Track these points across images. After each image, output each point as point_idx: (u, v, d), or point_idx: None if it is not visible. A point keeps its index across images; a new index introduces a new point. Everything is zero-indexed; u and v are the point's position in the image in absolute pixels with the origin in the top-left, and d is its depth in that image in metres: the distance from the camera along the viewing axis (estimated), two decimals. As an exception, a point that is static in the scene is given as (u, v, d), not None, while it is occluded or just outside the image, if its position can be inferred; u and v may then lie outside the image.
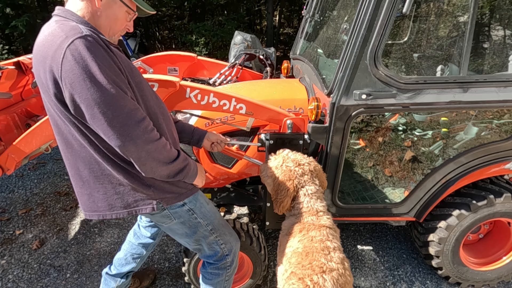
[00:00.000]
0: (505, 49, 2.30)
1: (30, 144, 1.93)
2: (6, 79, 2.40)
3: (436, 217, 2.13)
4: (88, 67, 1.06)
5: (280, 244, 1.59)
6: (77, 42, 1.07)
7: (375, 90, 1.74)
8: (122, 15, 1.28)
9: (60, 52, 1.06)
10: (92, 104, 1.08)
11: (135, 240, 2.00)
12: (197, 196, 1.50)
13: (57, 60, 1.07)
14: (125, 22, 1.32)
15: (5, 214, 3.03)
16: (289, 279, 1.36)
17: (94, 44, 1.10)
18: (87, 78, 1.06)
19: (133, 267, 2.01)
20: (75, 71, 1.06)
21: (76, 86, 1.07)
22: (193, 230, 1.52)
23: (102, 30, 1.26)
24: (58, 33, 1.10)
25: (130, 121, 1.12)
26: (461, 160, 1.98)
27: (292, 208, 1.58)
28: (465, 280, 2.28)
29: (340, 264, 1.38)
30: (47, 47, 1.10)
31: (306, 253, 1.39)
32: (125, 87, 1.16)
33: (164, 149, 1.24)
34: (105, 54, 1.12)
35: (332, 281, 1.30)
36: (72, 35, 1.08)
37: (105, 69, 1.09)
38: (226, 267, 1.67)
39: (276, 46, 9.50)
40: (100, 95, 1.08)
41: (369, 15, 1.62)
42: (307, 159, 1.64)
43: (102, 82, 1.08)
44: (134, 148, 1.16)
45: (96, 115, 1.09)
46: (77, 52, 1.06)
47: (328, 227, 1.50)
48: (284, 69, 2.92)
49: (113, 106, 1.09)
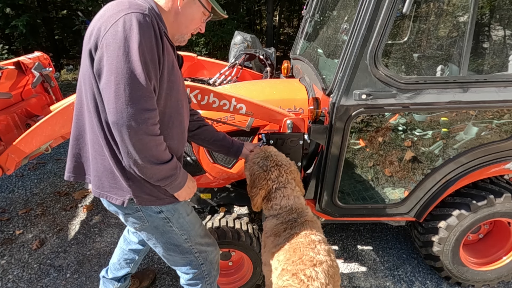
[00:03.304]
0: (505, 49, 2.30)
1: (30, 144, 1.93)
2: (6, 79, 2.40)
3: (436, 217, 2.13)
4: (130, 38, 1.09)
5: (264, 245, 1.59)
6: (134, 15, 1.11)
7: (375, 90, 1.74)
8: (199, 16, 1.34)
9: (116, 17, 1.11)
10: (113, 70, 1.09)
11: (125, 246, 1.98)
12: (177, 206, 1.43)
13: (109, 22, 1.11)
14: (199, 23, 1.38)
15: (5, 214, 3.03)
16: (282, 276, 1.36)
17: (148, 24, 1.13)
18: (123, 47, 1.08)
19: (128, 271, 2.00)
20: (117, 36, 1.09)
21: (110, 49, 1.09)
22: (165, 236, 1.47)
23: (176, 28, 1.32)
24: (124, 3, 1.16)
25: (137, 104, 1.11)
26: (461, 160, 1.98)
27: (270, 208, 1.58)
28: (465, 280, 2.28)
29: (328, 255, 1.40)
30: (109, 9, 1.16)
31: (294, 249, 1.40)
32: (153, 74, 1.16)
33: (156, 147, 1.19)
34: (152, 37, 1.14)
35: (323, 273, 1.32)
36: (134, 9, 1.13)
37: (143, 49, 1.10)
38: (204, 276, 1.62)
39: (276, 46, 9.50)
40: (124, 67, 1.09)
41: (369, 15, 1.62)
42: (287, 162, 1.64)
43: (133, 57, 1.09)
44: (125, 130, 1.12)
45: (110, 82, 1.10)
46: (129, 22, 1.10)
47: (309, 221, 1.52)
48: (284, 69, 2.92)
49: (129, 82, 1.09)
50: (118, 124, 1.11)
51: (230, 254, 2.15)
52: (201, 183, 2.19)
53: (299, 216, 1.52)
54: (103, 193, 1.33)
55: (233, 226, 2.00)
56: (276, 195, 1.56)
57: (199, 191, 2.24)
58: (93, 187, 1.36)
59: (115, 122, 1.11)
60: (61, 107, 1.87)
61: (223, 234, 1.96)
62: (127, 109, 1.09)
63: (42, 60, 2.69)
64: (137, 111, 1.10)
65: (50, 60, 2.81)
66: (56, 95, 2.80)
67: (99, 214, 3.06)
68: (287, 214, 1.53)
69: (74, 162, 1.39)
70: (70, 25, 7.31)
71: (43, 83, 2.69)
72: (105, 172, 1.29)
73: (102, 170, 1.30)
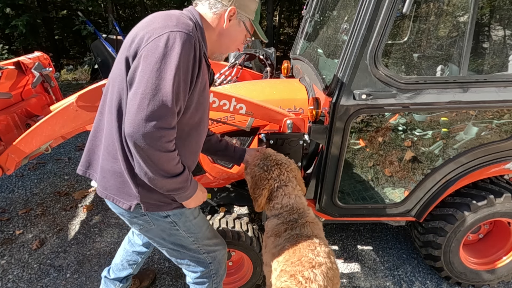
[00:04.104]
0: (505, 49, 2.30)
1: (30, 144, 1.93)
2: (6, 79, 2.40)
3: (436, 217, 2.13)
4: (169, 56, 1.09)
5: (265, 245, 1.59)
6: (179, 34, 1.11)
7: (375, 90, 1.74)
8: (241, 38, 1.39)
9: (160, 31, 1.12)
10: (143, 83, 1.09)
11: (129, 248, 1.98)
12: (183, 210, 1.43)
13: (153, 35, 1.12)
14: (239, 44, 1.42)
15: (5, 214, 3.03)
16: (280, 277, 1.36)
17: (191, 46, 1.13)
18: (159, 63, 1.09)
19: (131, 272, 2.00)
20: (157, 51, 1.09)
21: (146, 61, 1.10)
22: (172, 238, 1.48)
23: (218, 47, 1.36)
24: (172, 19, 1.17)
25: (156, 122, 1.10)
26: (461, 160, 1.98)
27: (272, 208, 1.58)
28: (465, 280, 2.28)
29: (327, 257, 1.40)
30: (156, 21, 1.17)
31: (293, 250, 1.40)
32: (182, 96, 1.16)
33: (168, 162, 1.19)
34: (191, 59, 1.14)
35: (322, 275, 1.32)
36: (181, 27, 1.13)
37: (179, 69, 1.11)
38: (211, 275, 1.63)
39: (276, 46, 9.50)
40: (154, 83, 1.09)
41: (369, 15, 1.62)
42: (287, 160, 1.64)
43: (167, 75, 1.09)
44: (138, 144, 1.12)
45: (137, 94, 1.10)
46: (173, 40, 1.10)
47: (310, 222, 1.52)
48: (284, 69, 2.92)
49: (155, 99, 1.09)
50: (133, 137, 1.11)
51: (230, 254, 2.15)
52: (201, 183, 2.18)
53: (300, 217, 1.52)
54: (110, 195, 1.34)
55: (233, 226, 2.00)
56: (277, 194, 1.56)
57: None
58: (99, 187, 1.36)
59: (130, 134, 1.11)
60: (61, 107, 1.87)
61: (223, 234, 1.96)
62: (145, 124, 1.09)
63: (42, 60, 2.69)
64: (154, 129, 1.10)
65: (50, 60, 2.81)
66: (56, 95, 2.80)
67: (99, 214, 3.06)
68: (288, 214, 1.53)
69: (86, 157, 1.41)
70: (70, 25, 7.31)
71: (43, 83, 2.69)
72: (114, 175, 1.30)
73: (111, 173, 1.30)
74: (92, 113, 2.02)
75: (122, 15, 10.74)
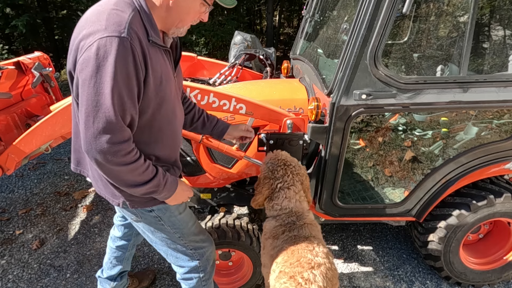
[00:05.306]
0: (505, 49, 2.30)
1: (30, 144, 1.93)
2: (6, 79, 2.40)
3: (436, 217, 2.13)
4: (102, 69, 1.03)
5: (263, 246, 1.59)
6: (109, 40, 1.03)
7: (375, 90, 1.74)
8: (196, 8, 1.22)
9: (91, 39, 1.04)
10: (84, 101, 1.06)
11: (112, 244, 2.00)
12: (168, 205, 1.42)
13: (84, 43, 1.05)
14: (198, 14, 1.25)
15: (5, 214, 3.03)
16: (279, 278, 1.35)
17: (126, 49, 1.05)
18: (94, 77, 1.03)
19: (121, 268, 2.02)
20: (89, 64, 1.03)
21: (82, 77, 1.05)
22: (158, 233, 1.49)
23: (170, 23, 1.22)
24: (102, 19, 1.07)
25: (105, 138, 1.07)
26: (461, 160, 1.98)
27: (271, 208, 1.58)
28: (465, 280, 2.28)
29: (326, 258, 1.39)
30: (87, 22, 1.09)
31: (292, 251, 1.40)
32: (129, 104, 1.10)
33: (131, 173, 1.17)
34: (129, 64, 1.06)
35: (321, 276, 1.31)
36: (111, 31, 1.04)
37: (117, 80, 1.04)
38: (199, 272, 1.62)
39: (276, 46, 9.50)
40: (94, 99, 1.04)
41: (369, 15, 1.62)
42: (296, 164, 1.63)
43: (104, 90, 1.03)
44: (94, 161, 1.11)
45: (82, 112, 1.07)
46: (104, 49, 1.02)
47: (308, 223, 1.51)
48: (284, 69, 2.92)
49: (98, 115, 1.05)
50: (88, 154, 1.10)
51: (230, 254, 2.15)
52: (201, 183, 2.19)
53: (298, 219, 1.52)
54: (102, 193, 1.39)
55: (233, 226, 2.00)
56: (278, 195, 1.55)
57: (199, 191, 2.24)
58: (95, 188, 1.42)
59: (85, 151, 1.10)
60: (61, 107, 1.87)
61: (223, 234, 1.96)
62: (95, 142, 1.07)
63: (42, 60, 2.69)
64: (106, 144, 1.07)
65: (50, 60, 2.81)
66: (56, 95, 2.80)
67: (99, 214, 3.06)
68: (287, 217, 1.53)
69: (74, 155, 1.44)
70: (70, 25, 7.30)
71: (43, 83, 2.69)
72: (99, 177, 1.34)
73: (96, 175, 1.34)
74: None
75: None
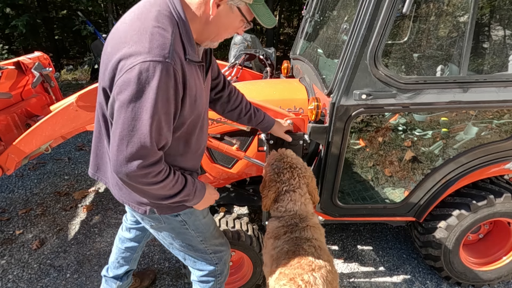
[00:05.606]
0: (505, 49, 2.30)
1: (30, 144, 1.94)
2: (6, 79, 2.40)
3: (436, 217, 2.13)
4: (143, 94, 0.98)
5: (265, 246, 1.59)
6: (153, 65, 0.98)
7: (375, 90, 1.74)
8: (236, 24, 1.19)
9: (132, 60, 0.98)
10: (119, 124, 1.02)
11: (121, 245, 1.98)
12: (193, 209, 1.43)
13: (125, 64, 1.00)
14: (235, 30, 1.22)
15: (5, 214, 3.03)
16: (279, 280, 1.34)
17: (168, 75, 1.00)
18: (133, 102, 0.99)
19: (127, 268, 2.01)
20: (130, 88, 0.98)
21: (120, 99, 1.01)
22: (181, 237, 1.48)
23: (206, 34, 1.18)
24: (145, 39, 1.00)
25: (137, 162, 1.05)
26: (461, 160, 1.98)
27: (276, 209, 1.57)
28: (465, 280, 2.28)
29: (327, 261, 1.39)
30: (128, 39, 1.02)
31: (293, 253, 1.39)
32: (166, 129, 1.08)
33: (161, 189, 1.16)
34: (171, 87, 1.02)
35: (322, 278, 1.30)
36: (155, 54, 0.99)
37: (157, 107, 1.00)
38: (216, 275, 1.63)
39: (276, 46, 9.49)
40: (130, 124, 1.01)
41: (369, 15, 1.62)
42: (302, 166, 1.62)
43: (143, 116, 1.00)
44: (124, 182, 1.11)
45: (115, 134, 1.04)
46: (147, 74, 0.98)
47: (311, 226, 1.51)
48: (284, 69, 2.92)
49: (133, 140, 1.02)
50: (118, 175, 1.08)
51: (230, 254, 2.15)
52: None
53: (301, 221, 1.51)
54: (126, 201, 1.35)
55: (233, 226, 2.00)
56: (284, 198, 1.54)
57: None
58: (113, 191, 1.37)
59: (115, 172, 1.08)
60: (61, 107, 1.87)
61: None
62: (126, 165, 1.05)
63: (42, 60, 2.69)
64: (136, 169, 1.05)
65: (50, 60, 2.81)
66: (56, 95, 2.80)
67: (99, 214, 3.06)
68: (290, 218, 1.52)
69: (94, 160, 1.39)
70: (70, 25, 7.30)
71: (43, 83, 2.69)
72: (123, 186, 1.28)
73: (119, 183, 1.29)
74: (92, 113, 2.02)
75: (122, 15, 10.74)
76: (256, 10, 1.15)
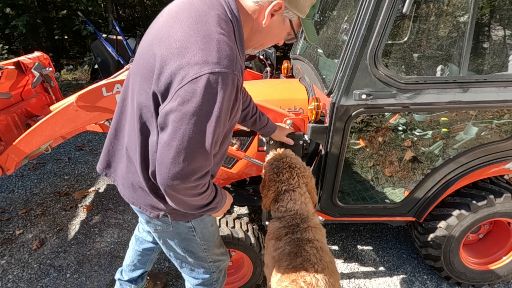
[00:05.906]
0: (505, 49, 2.31)
1: (30, 144, 1.94)
2: (6, 79, 2.40)
3: (436, 217, 2.13)
4: (209, 107, 0.93)
5: (267, 247, 1.59)
6: (222, 78, 0.92)
7: (375, 90, 1.74)
8: (282, 35, 1.18)
9: (198, 70, 0.91)
10: (178, 136, 0.95)
11: (138, 246, 1.93)
12: (204, 217, 1.41)
13: (188, 72, 0.92)
14: (278, 41, 1.21)
15: (5, 214, 3.03)
16: (281, 281, 1.33)
17: (234, 87, 0.97)
18: (197, 115, 0.93)
19: (143, 270, 1.98)
20: (194, 99, 0.91)
21: (182, 110, 0.92)
22: (185, 243, 1.45)
23: (252, 43, 1.17)
24: (212, 48, 0.94)
25: (191, 176, 1.01)
26: (461, 160, 1.98)
27: (276, 210, 1.57)
28: (465, 280, 2.28)
29: (329, 262, 1.38)
30: (191, 47, 0.94)
31: (295, 254, 1.38)
32: (221, 138, 1.06)
33: (201, 200, 1.14)
34: (232, 99, 0.99)
35: (324, 280, 1.29)
36: (224, 66, 0.93)
37: (221, 120, 0.96)
38: (212, 283, 1.61)
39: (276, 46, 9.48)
40: (192, 137, 0.95)
41: (369, 15, 1.62)
42: (301, 165, 1.62)
43: (207, 130, 0.95)
44: (169, 194, 1.06)
45: (171, 146, 0.96)
46: (214, 87, 0.92)
47: (312, 227, 1.50)
48: (284, 69, 2.92)
49: (192, 154, 0.97)
50: (165, 186, 1.02)
51: (230, 254, 2.15)
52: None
53: (302, 221, 1.50)
54: (137, 203, 1.30)
55: (233, 226, 2.00)
56: (283, 197, 1.54)
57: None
58: (124, 192, 1.32)
59: (162, 184, 1.02)
60: (61, 107, 1.87)
61: (223, 234, 1.96)
62: (180, 178, 0.99)
63: (42, 60, 2.69)
64: (189, 181, 1.01)
65: (50, 60, 2.81)
66: (56, 95, 2.80)
67: (99, 214, 3.06)
68: (291, 219, 1.51)
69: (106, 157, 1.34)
70: (70, 25, 7.30)
71: (43, 83, 2.69)
72: (140, 188, 1.24)
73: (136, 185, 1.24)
74: (92, 113, 2.02)
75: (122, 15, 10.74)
76: (306, 25, 1.15)
